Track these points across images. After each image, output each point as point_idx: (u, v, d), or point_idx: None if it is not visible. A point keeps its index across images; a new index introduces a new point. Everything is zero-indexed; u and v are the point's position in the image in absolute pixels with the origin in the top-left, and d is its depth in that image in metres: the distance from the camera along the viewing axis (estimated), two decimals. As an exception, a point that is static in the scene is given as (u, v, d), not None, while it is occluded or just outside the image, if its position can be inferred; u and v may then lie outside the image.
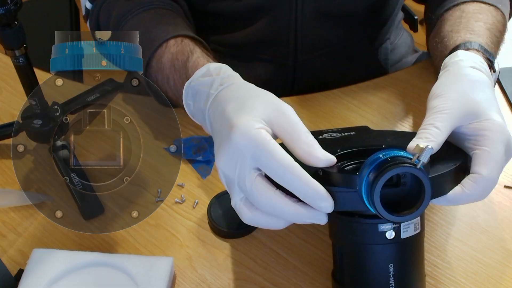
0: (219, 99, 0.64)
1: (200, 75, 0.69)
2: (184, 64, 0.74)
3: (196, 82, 0.69)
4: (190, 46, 0.77)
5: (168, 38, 0.78)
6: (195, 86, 0.69)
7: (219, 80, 0.67)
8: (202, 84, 0.68)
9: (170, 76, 0.76)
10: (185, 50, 0.76)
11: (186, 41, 0.78)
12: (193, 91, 0.69)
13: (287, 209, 0.57)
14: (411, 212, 0.54)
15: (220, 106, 0.63)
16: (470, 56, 0.73)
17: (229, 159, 0.58)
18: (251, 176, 0.57)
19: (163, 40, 0.78)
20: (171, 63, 0.76)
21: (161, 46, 0.78)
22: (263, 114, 0.60)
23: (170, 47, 0.78)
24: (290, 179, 0.56)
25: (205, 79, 0.68)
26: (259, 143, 0.57)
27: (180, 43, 0.78)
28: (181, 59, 0.75)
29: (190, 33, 0.80)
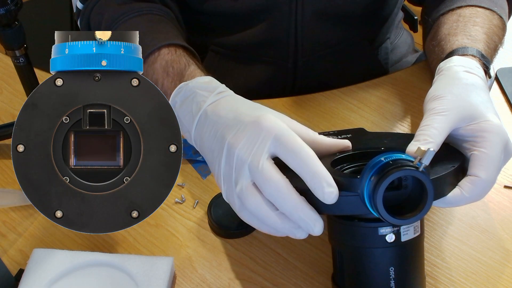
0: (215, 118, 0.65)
1: (202, 82, 0.70)
2: (181, 72, 0.75)
3: (195, 84, 0.69)
4: (187, 57, 0.78)
5: (161, 46, 0.79)
6: (193, 88, 0.69)
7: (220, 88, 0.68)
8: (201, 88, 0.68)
9: (159, 80, 0.76)
10: (181, 61, 0.77)
11: (180, 51, 0.79)
12: (188, 92, 0.69)
13: (291, 197, 0.57)
14: (414, 215, 0.54)
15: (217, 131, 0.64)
16: (466, 61, 0.73)
17: (249, 141, 0.59)
18: (264, 157, 0.58)
19: (156, 48, 0.78)
20: (164, 70, 0.76)
21: (153, 53, 0.78)
22: None
23: (164, 55, 0.78)
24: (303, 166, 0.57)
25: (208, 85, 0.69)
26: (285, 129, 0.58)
27: (174, 53, 0.78)
28: (176, 67, 0.76)
29: (182, 42, 0.81)
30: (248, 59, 1.00)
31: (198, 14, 0.97)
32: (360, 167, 0.61)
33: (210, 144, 0.64)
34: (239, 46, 1.00)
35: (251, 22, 0.96)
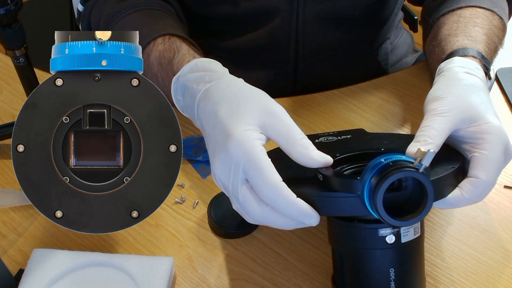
0: (209, 97, 0.64)
1: (187, 71, 0.69)
2: (170, 61, 0.75)
3: (183, 77, 0.69)
4: (177, 43, 0.77)
5: (156, 36, 0.79)
6: (183, 82, 0.69)
7: (207, 77, 0.67)
8: (189, 79, 0.68)
9: (158, 74, 0.76)
10: (171, 48, 0.77)
11: (173, 38, 0.79)
12: (181, 86, 0.69)
13: (278, 220, 0.58)
14: (414, 216, 0.54)
15: (211, 107, 0.63)
16: (466, 62, 0.73)
17: (224, 168, 0.59)
18: (243, 188, 0.58)
19: (151, 39, 0.79)
20: (158, 61, 0.77)
21: (148, 45, 0.79)
22: (257, 119, 0.60)
23: (158, 45, 0.78)
24: (275, 199, 0.57)
25: (193, 75, 0.68)
26: (252, 157, 0.58)
27: (167, 41, 0.78)
28: (167, 57, 0.76)
29: (178, 32, 0.80)
30: (249, 63, 1.00)
31: (199, 18, 0.97)
32: (360, 168, 0.61)
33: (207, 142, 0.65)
34: (240, 50, 1.00)
35: (251, 26, 0.96)
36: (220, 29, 0.99)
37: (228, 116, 0.61)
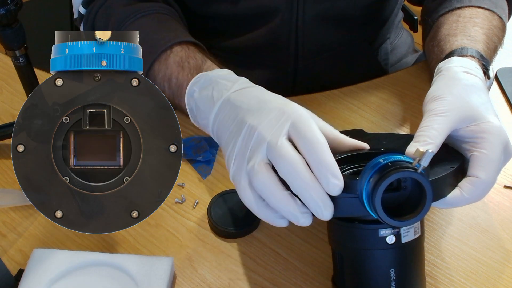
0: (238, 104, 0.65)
1: (222, 73, 0.71)
2: (198, 66, 0.76)
3: (215, 74, 0.70)
4: (201, 54, 0.79)
5: (172, 44, 0.79)
6: (214, 77, 0.70)
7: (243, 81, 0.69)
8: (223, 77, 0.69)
9: (173, 75, 0.76)
10: (196, 56, 0.78)
11: (192, 48, 0.80)
12: (208, 81, 0.70)
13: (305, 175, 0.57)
14: (413, 217, 0.54)
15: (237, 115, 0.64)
16: (465, 61, 0.73)
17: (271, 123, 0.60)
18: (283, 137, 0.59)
19: (168, 46, 0.79)
20: (179, 65, 0.77)
21: (165, 52, 0.79)
22: None
23: (178, 52, 0.79)
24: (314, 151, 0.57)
25: (229, 76, 0.70)
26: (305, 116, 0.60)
27: (187, 49, 0.79)
28: (193, 62, 0.77)
29: (192, 39, 0.82)
30: (249, 62, 1.00)
31: (199, 17, 0.97)
32: (359, 169, 0.61)
33: (228, 126, 0.65)
34: (240, 50, 1.00)
35: (251, 26, 0.96)
36: (220, 28, 0.99)
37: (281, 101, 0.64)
